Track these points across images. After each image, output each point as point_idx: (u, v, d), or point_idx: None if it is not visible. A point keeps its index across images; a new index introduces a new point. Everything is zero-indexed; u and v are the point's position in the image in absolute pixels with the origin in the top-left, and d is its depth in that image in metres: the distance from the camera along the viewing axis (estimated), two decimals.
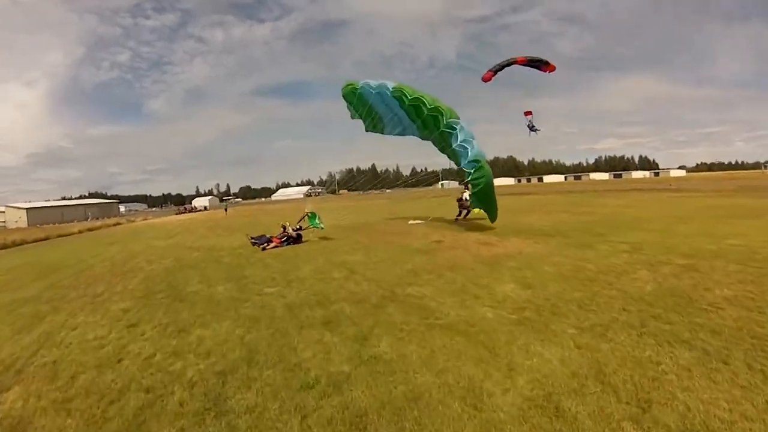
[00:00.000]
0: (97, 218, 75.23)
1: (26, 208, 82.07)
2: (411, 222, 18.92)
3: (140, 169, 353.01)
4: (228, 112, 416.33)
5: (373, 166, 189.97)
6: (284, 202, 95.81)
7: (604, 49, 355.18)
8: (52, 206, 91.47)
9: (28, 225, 69.37)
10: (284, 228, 15.64)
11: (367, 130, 18.24)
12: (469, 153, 14.28)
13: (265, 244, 14.59)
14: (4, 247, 32.98)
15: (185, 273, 11.31)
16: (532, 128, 16.67)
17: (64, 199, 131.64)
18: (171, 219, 53.08)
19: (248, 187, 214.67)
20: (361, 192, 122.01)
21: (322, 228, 15.37)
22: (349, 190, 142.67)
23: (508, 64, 15.68)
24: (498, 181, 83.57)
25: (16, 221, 76.12)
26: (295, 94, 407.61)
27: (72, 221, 69.81)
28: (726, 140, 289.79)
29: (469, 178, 14.70)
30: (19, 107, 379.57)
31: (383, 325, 5.95)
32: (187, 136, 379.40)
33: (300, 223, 15.99)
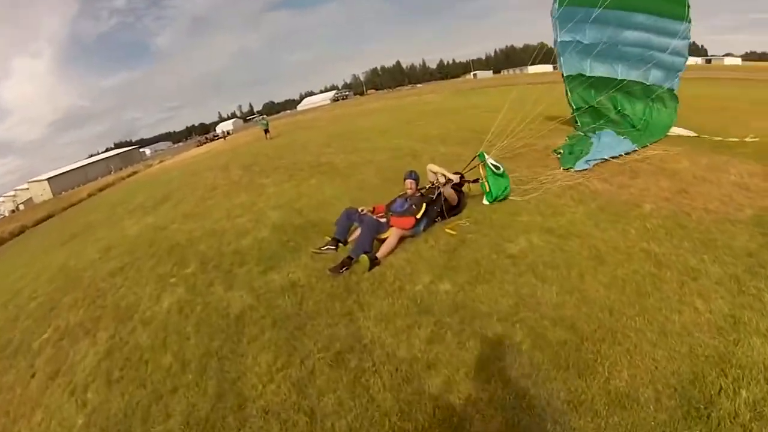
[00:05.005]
0: (120, 168, 67.60)
1: (47, 179, 76.10)
2: (675, 132, 8.44)
3: (160, 107, 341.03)
4: (238, 34, 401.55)
5: (398, 62, 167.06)
6: (314, 110, 79.06)
7: None
8: (73, 169, 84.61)
9: (53, 195, 63.31)
10: (432, 183, 5.08)
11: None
12: None
13: (369, 245, 4.22)
14: (3, 242, 24.66)
15: None
16: None
17: (91, 156, 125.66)
18: (187, 155, 42.36)
19: (271, 103, 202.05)
20: (390, 89, 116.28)
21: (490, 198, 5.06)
22: (376, 89, 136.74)
23: None
24: (534, 69, 60.63)
25: (41, 194, 70.49)
26: (303, 2, 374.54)
27: (96, 178, 62.65)
28: None
29: None
30: (30, 79, 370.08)
31: None
32: (200, 66, 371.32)
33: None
